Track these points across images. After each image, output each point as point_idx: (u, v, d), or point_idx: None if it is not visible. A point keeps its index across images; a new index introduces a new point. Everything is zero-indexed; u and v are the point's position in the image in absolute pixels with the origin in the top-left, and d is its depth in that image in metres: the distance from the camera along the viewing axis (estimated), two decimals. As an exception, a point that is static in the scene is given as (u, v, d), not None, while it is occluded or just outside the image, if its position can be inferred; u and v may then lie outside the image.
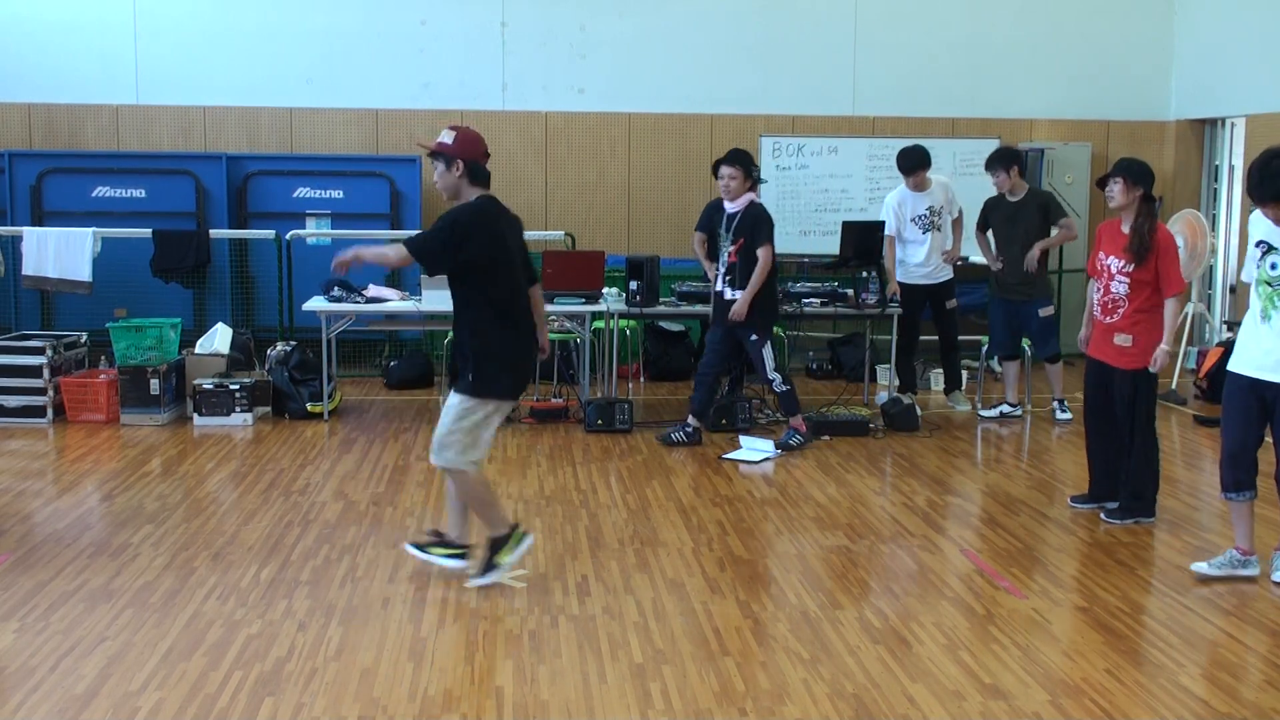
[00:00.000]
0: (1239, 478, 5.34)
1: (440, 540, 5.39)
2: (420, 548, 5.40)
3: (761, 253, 7.65)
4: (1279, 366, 5.17)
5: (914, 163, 8.89)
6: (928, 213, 8.92)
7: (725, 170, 7.76)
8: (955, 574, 5.50)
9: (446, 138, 5.19)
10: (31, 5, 11.07)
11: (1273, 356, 5.18)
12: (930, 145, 9.24)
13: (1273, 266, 5.19)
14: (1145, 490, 6.27)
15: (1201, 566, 5.47)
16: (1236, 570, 5.40)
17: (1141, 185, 6.10)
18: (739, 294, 7.74)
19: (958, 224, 9.14)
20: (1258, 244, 5.25)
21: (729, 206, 7.80)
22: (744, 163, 7.79)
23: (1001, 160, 8.62)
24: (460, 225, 5.10)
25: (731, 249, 7.78)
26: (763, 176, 7.84)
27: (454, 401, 5.16)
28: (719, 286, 7.94)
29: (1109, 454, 6.38)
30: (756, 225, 7.72)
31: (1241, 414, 5.31)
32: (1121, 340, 6.10)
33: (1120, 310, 6.10)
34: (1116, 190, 6.11)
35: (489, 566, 5.22)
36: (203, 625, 4.75)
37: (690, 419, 8.05)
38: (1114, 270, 6.13)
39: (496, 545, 5.24)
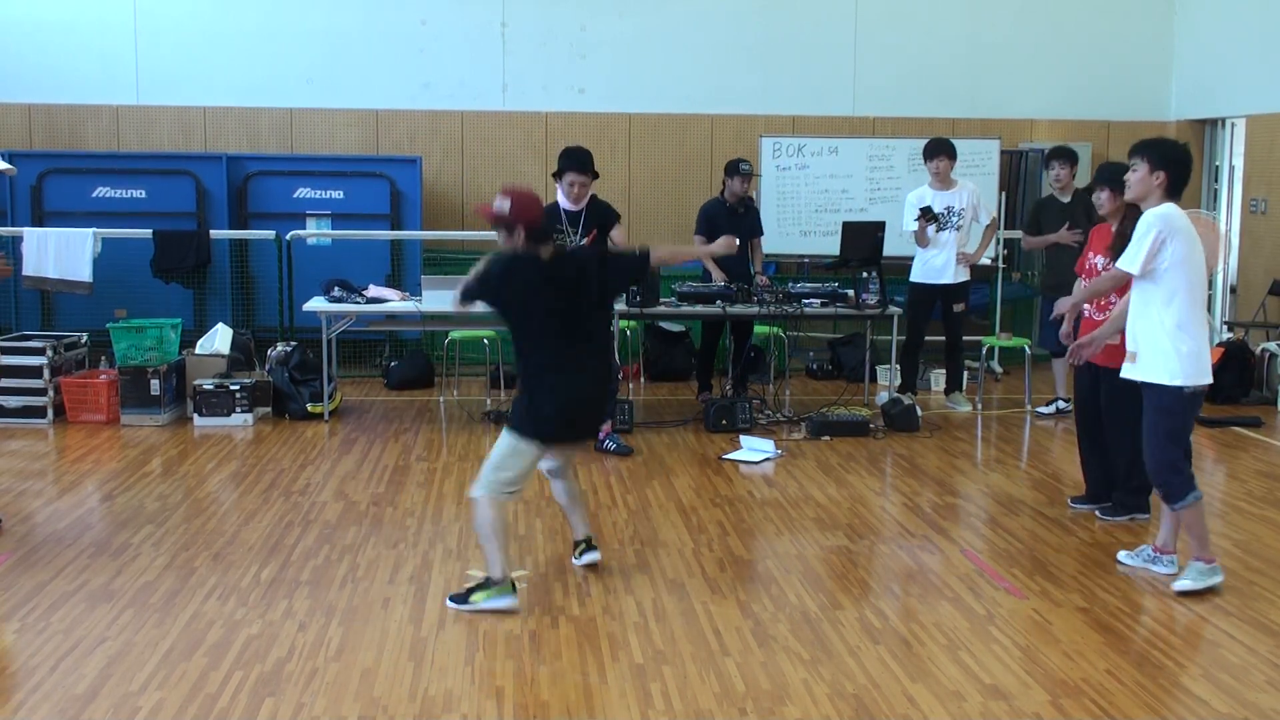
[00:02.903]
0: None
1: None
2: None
3: (618, 235, 7.89)
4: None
5: (935, 149, 8.95)
6: (946, 212, 8.91)
7: (580, 177, 7.68)
8: (956, 574, 5.50)
9: (502, 205, 4.98)
10: (31, 5, 11.08)
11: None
12: (931, 146, 9.26)
13: None
14: (1139, 487, 6.29)
15: (1123, 555, 5.67)
16: (1147, 564, 5.56)
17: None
18: None
19: (989, 230, 9.20)
20: None
21: (573, 206, 7.76)
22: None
23: (1065, 156, 8.64)
24: (490, 277, 5.03)
25: (585, 242, 7.75)
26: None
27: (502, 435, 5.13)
28: None
29: (1103, 455, 6.40)
30: (607, 214, 7.88)
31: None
32: (1115, 340, 6.11)
33: (1111, 308, 6.11)
34: (1104, 198, 6.27)
35: (465, 597, 5.00)
36: (203, 625, 4.75)
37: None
38: (1099, 268, 6.19)
39: (482, 585, 4.99)
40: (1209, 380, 5.34)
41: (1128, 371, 5.44)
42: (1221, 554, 5.82)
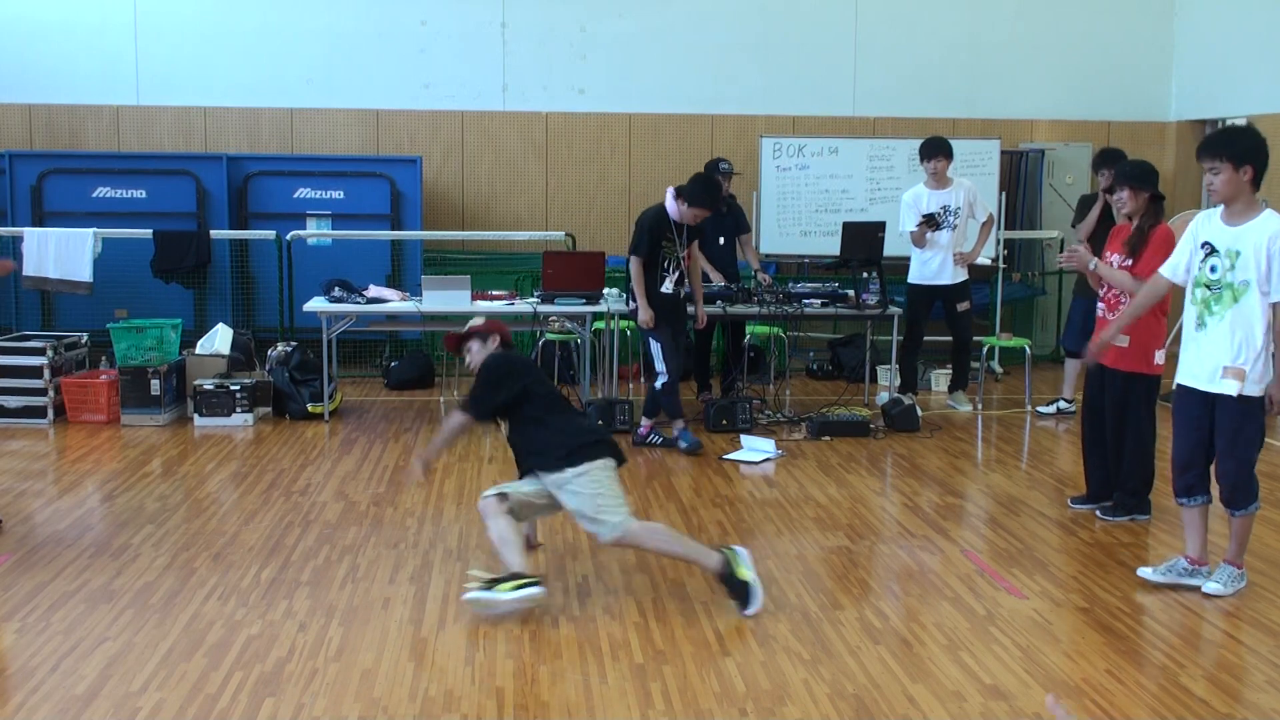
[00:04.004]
0: (1189, 483, 5.28)
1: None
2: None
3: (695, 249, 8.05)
4: (1214, 376, 5.10)
5: (933, 149, 8.90)
6: (942, 211, 8.90)
7: (707, 214, 7.84)
8: (956, 574, 5.50)
9: (476, 322, 5.53)
10: (31, 5, 11.08)
11: (1209, 366, 5.12)
12: (931, 146, 9.25)
13: (1212, 270, 5.08)
14: (1139, 488, 6.30)
15: (1146, 572, 5.42)
16: (1182, 579, 5.32)
17: (1146, 188, 6.12)
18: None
19: (986, 227, 9.13)
20: (1203, 245, 5.12)
21: (680, 221, 7.80)
22: None
23: (1114, 160, 8.59)
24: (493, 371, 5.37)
25: (686, 254, 7.90)
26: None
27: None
28: (672, 288, 7.90)
29: (1105, 455, 6.40)
30: (697, 233, 7.96)
31: (1188, 423, 5.25)
32: (1118, 340, 6.11)
33: (1123, 307, 6.11)
34: (1125, 197, 6.18)
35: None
36: (203, 626, 4.75)
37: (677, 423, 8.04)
38: (1116, 265, 6.17)
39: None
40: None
41: (1231, 389, 5.03)
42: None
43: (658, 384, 7.90)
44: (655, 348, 7.85)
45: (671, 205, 7.75)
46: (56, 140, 11.13)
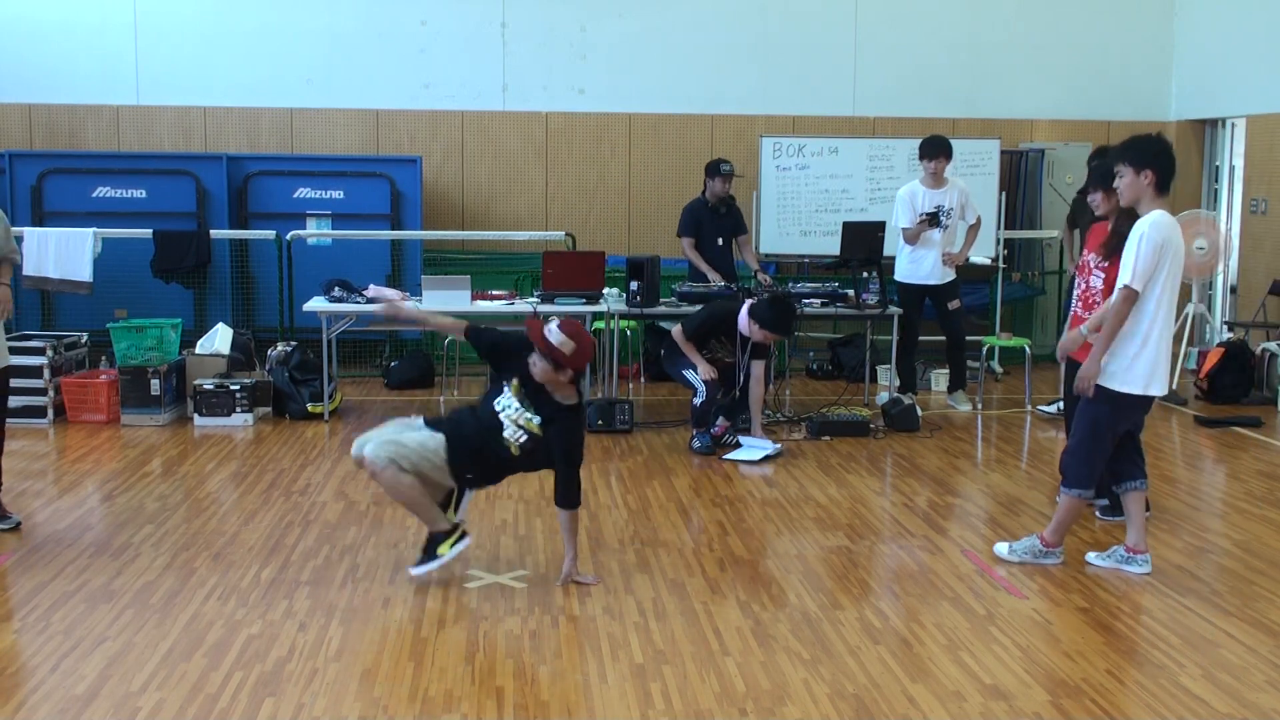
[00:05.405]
0: (1115, 470, 5.61)
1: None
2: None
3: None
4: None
5: (935, 148, 8.88)
6: (935, 210, 8.90)
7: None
8: (956, 574, 5.50)
9: (565, 347, 5.05)
10: (31, 5, 11.08)
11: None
12: (931, 146, 9.24)
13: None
14: None
15: (1091, 556, 5.64)
16: (1120, 565, 5.56)
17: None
18: None
19: (974, 229, 9.11)
20: None
21: (747, 335, 7.85)
22: None
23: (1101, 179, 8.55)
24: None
25: (745, 361, 7.95)
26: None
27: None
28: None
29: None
30: (760, 347, 7.95)
31: None
32: (1091, 337, 6.08)
33: (1097, 306, 6.09)
34: (1098, 199, 6.32)
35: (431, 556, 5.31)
36: (203, 625, 4.75)
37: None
38: (1092, 265, 6.18)
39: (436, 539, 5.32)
40: (1159, 392, 5.34)
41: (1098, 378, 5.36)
42: (1222, 554, 5.83)
43: (696, 401, 7.89)
44: (687, 374, 7.87)
45: (743, 319, 7.73)
46: (56, 140, 11.13)
